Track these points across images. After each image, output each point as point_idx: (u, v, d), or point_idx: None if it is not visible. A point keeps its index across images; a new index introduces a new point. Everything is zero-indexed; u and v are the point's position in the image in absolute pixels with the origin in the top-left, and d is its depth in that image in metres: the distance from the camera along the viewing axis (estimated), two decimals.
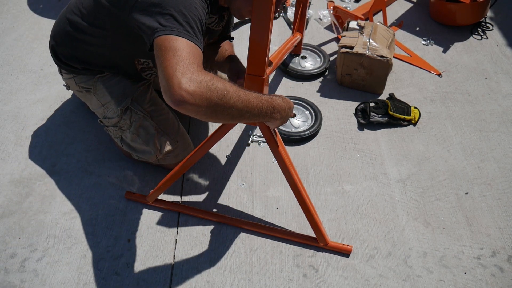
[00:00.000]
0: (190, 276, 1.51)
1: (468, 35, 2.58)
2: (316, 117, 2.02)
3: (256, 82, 1.32)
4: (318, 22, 2.68)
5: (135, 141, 1.69)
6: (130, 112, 1.66)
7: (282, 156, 1.46)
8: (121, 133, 1.70)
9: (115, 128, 1.70)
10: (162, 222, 1.66)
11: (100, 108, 1.71)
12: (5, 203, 1.70)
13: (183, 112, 1.09)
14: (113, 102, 1.66)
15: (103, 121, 1.73)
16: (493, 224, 1.68)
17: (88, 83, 1.67)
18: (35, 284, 1.48)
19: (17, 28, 2.52)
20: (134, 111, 1.66)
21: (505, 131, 2.03)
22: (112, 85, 1.66)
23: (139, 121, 1.67)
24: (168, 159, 1.73)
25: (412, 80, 2.30)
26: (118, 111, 1.66)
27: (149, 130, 1.68)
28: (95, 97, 1.69)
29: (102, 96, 1.67)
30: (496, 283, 1.52)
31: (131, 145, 1.71)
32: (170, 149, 1.70)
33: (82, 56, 1.61)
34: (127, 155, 1.84)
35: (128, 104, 1.66)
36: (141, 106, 1.68)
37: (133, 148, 1.72)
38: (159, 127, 1.69)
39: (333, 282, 1.51)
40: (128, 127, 1.68)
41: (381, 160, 1.90)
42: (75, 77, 1.68)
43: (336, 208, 1.72)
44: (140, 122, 1.67)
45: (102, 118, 1.72)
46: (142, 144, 1.69)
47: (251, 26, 1.23)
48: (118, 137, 1.73)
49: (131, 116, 1.66)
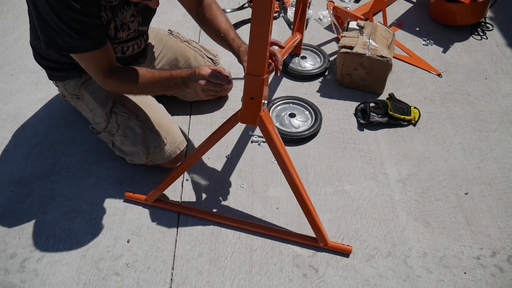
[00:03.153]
0: (190, 276, 1.51)
1: (468, 35, 2.58)
2: (316, 117, 2.02)
3: (256, 82, 1.33)
4: (318, 22, 2.68)
5: (124, 143, 1.69)
6: (115, 115, 1.67)
7: (282, 156, 1.46)
8: (111, 137, 1.71)
9: (106, 133, 1.72)
10: (162, 222, 1.66)
11: (89, 113, 1.74)
12: (5, 203, 1.70)
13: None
14: (99, 107, 1.68)
15: (94, 127, 1.75)
16: (493, 224, 1.68)
17: (75, 91, 1.71)
18: (35, 284, 1.48)
19: (17, 28, 2.52)
20: (118, 114, 1.67)
21: (505, 131, 2.03)
22: (94, 90, 1.68)
23: (125, 123, 1.67)
24: (160, 158, 1.70)
25: (412, 80, 2.30)
26: (104, 116, 1.67)
27: (135, 130, 1.66)
28: (84, 104, 1.72)
29: (88, 102, 1.71)
30: (496, 283, 1.52)
31: (121, 148, 1.72)
32: (158, 147, 1.67)
33: (46, 54, 1.64)
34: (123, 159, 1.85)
35: (110, 106, 1.66)
36: (124, 107, 1.67)
37: (123, 151, 1.72)
38: (145, 126, 1.67)
39: (333, 282, 1.51)
40: (116, 130, 1.68)
41: (381, 160, 1.90)
42: (65, 85, 1.72)
43: (336, 208, 1.72)
44: (126, 123, 1.67)
45: (94, 124, 1.74)
46: (130, 145, 1.68)
47: (251, 26, 1.23)
48: (110, 142, 1.74)
49: (116, 119, 1.67)
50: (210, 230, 1.64)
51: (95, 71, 1.49)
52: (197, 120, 2.04)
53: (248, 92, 1.36)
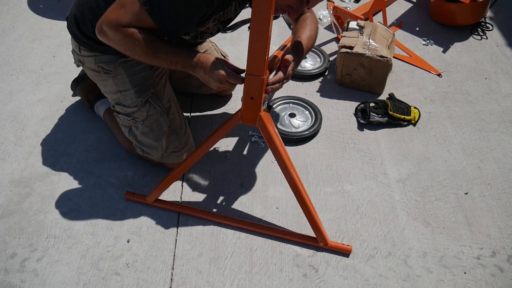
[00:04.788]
0: (190, 276, 1.51)
1: (468, 35, 2.58)
2: (316, 117, 2.02)
3: (256, 82, 1.33)
4: (318, 22, 2.67)
5: (146, 135, 1.67)
6: (149, 105, 1.63)
7: (282, 156, 1.46)
8: (133, 123, 1.67)
9: (129, 119, 1.66)
10: (162, 222, 1.66)
11: (115, 93, 1.65)
12: (5, 203, 1.70)
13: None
14: (133, 91, 1.62)
15: (116, 108, 1.68)
16: (493, 224, 1.68)
17: (108, 65, 1.61)
18: (35, 284, 1.48)
19: (17, 28, 2.52)
20: (153, 105, 1.64)
21: (504, 131, 2.03)
22: (134, 73, 1.61)
23: (156, 116, 1.65)
24: (172, 157, 1.72)
25: (412, 80, 2.30)
26: (137, 102, 1.62)
27: (162, 127, 1.66)
28: (113, 81, 1.63)
29: (121, 82, 1.62)
30: (496, 283, 1.52)
31: (139, 138, 1.69)
32: (176, 149, 1.70)
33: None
34: (128, 149, 1.84)
35: (148, 96, 1.63)
36: (160, 101, 1.65)
37: (140, 141, 1.70)
38: (171, 126, 1.68)
39: (333, 282, 1.51)
40: (143, 120, 1.65)
41: (381, 160, 1.90)
42: (96, 56, 1.62)
43: (336, 208, 1.72)
44: (157, 117, 1.65)
45: (115, 103, 1.67)
46: (152, 139, 1.67)
47: (251, 26, 1.23)
48: (127, 127, 1.69)
49: (148, 110, 1.64)
50: (210, 230, 1.64)
51: (122, 16, 1.35)
52: (197, 120, 2.04)
53: (248, 92, 1.36)
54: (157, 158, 1.73)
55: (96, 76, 1.68)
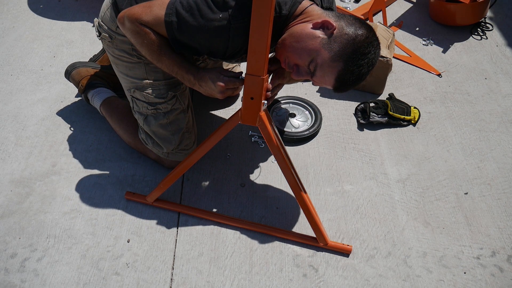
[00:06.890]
0: (190, 276, 1.52)
1: (467, 35, 2.59)
2: (316, 117, 2.02)
3: (256, 82, 1.33)
4: None
5: (163, 127, 1.67)
6: (175, 99, 1.66)
7: (282, 156, 1.46)
8: (153, 113, 1.65)
9: (148, 106, 1.64)
10: (162, 222, 1.66)
11: (140, 80, 1.62)
12: (5, 203, 1.70)
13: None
14: (163, 83, 1.62)
15: (135, 92, 1.64)
16: (493, 224, 1.68)
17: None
18: (35, 284, 1.48)
19: (17, 28, 2.52)
20: (179, 101, 1.67)
21: (504, 131, 2.04)
22: None
23: (178, 111, 1.67)
24: (178, 155, 1.75)
25: (411, 80, 2.30)
26: (166, 94, 1.63)
27: (181, 124, 1.69)
28: (144, 68, 1.60)
29: (153, 71, 1.60)
30: (496, 283, 1.52)
31: (154, 128, 1.68)
32: (187, 146, 1.74)
33: None
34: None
35: (178, 91, 1.65)
36: (185, 98, 1.70)
37: (154, 131, 1.69)
38: (187, 124, 1.72)
39: (333, 282, 1.51)
40: (165, 112, 1.65)
41: (381, 160, 1.90)
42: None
43: (336, 208, 1.72)
44: (179, 112, 1.68)
45: (136, 89, 1.63)
46: (168, 132, 1.68)
47: (251, 26, 1.23)
48: (144, 114, 1.67)
49: (174, 104, 1.66)
50: (210, 230, 1.64)
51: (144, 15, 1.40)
52: (197, 120, 2.04)
53: (248, 92, 1.36)
54: (163, 153, 1.74)
55: (123, 57, 1.62)
